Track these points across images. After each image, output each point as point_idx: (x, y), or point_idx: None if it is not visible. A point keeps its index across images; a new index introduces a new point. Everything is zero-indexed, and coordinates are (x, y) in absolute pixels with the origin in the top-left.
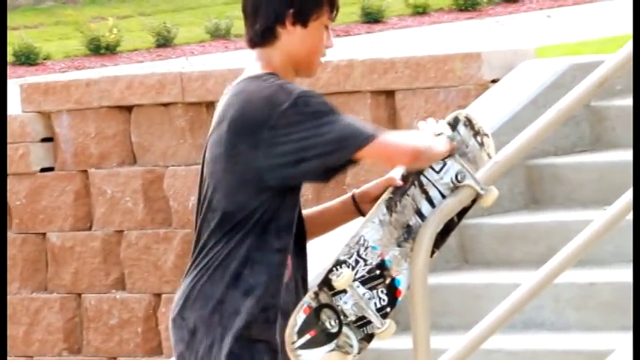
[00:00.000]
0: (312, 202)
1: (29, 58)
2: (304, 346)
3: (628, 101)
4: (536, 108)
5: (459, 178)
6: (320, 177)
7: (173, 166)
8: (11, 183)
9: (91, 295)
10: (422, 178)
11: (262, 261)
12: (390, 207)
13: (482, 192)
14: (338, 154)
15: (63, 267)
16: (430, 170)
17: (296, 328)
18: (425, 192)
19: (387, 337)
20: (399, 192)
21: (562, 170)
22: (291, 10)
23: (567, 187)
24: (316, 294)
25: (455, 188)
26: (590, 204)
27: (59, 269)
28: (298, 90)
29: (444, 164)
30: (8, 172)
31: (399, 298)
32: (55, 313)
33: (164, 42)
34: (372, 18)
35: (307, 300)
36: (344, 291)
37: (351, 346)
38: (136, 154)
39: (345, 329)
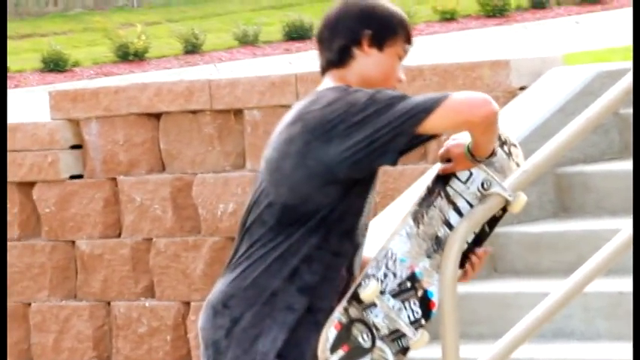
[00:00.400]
0: None
1: (58, 65)
2: None
3: None
4: (564, 116)
5: (485, 186)
6: (389, 157)
7: (202, 173)
8: (40, 190)
9: (120, 303)
10: (448, 189)
11: (321, 260)
12: (417, 219)
13: (510, 198)
14: (409, 123)
15: (92, 275)
16: (456, 181)
17: (328, 344)
18: (452, 202)
19: (421, 347)
20: (425, 204)
21: (591, 178)
22: (368, 31)
23: (597, 196)
24: (346, 309)
25: (482, 197)
26: (619, 212)
27: (88, 277)
28: (375, 89)
29: (470, 174)
30: (37, 179)
31: (434, 310)
32: (84, 321)
33: (192, 48)
34: None
35: (337, 315)
36: (374, 304)
37: (386, 359)
38: (165, 161)
39: (378, 343)
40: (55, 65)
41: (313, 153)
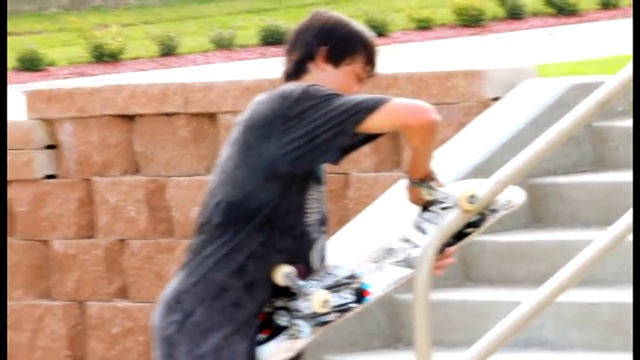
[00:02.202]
0: None
1: (33, 64)
2: (258, 344)
3: (630, 122)
4: (537, 127)
5: (442, 201)
6: (331, 155)
7: (176, 176)
8: (15, 190)
9: (94, 303)
10: (417, 218)
11: (265, 258)
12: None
13: (455, 200)
14: (350, 121)
15: (66, 274)
16: (427, 212)
17: (255, 338)
18: (418, 227)
19: (319, 306)
20: (390, 234)
21: (565, 189)
22: (325, 47)
23: (570, 207)
24: (271, 301)
25: (443, 210)
26: (592, 224)
27: (62, 277)
28: (308, 83)
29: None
30: (12, 178)
31: (367, 297)
32: (58, 321)
33: (168, 51)
34: (376, 32)
35: (264, 308)
36: (296, 296)
37: (301, 331)
38: (139, 163)
39: (296, 321)
40: (29, 64)
41: (253, 150)
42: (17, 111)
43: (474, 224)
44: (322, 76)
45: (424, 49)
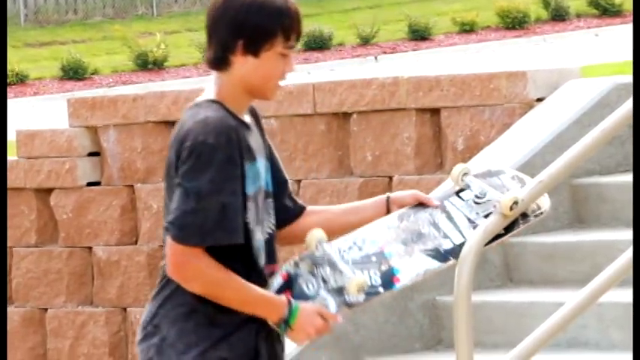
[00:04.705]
0: None
1: (77, 73)
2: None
3: None
4: (580, 127)
5: (480, 195)
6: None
7: None
8: (58, 197)
9: (136, 310)
10: (445, 202)
11: None
12: (402, 218)
13: (497, 203)
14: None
15: (109, 281)
16: (457, 198)
17: (272, 291)
18: (446, 212)
19: (356, 291)
20: (415, 210)
21: (607, 189)
22: (241, 41)
23: (612, 207)
24: (296, 263)
25: (477, 205)
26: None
27: (105, 283)
28: (206, 137)
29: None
30: (55, 185)
31: (397, 284)
32: (100, 327)
33: None
34: (419, 35)
35: (286, 267)
36: (323, 261)
37: (327, 307)
38: None
39: (322, 293)
40: (74, 73)
41: (170, 190)
42: (62, 119)
43: (506, 228)
44: (245, 67)
45: (468, 52)
